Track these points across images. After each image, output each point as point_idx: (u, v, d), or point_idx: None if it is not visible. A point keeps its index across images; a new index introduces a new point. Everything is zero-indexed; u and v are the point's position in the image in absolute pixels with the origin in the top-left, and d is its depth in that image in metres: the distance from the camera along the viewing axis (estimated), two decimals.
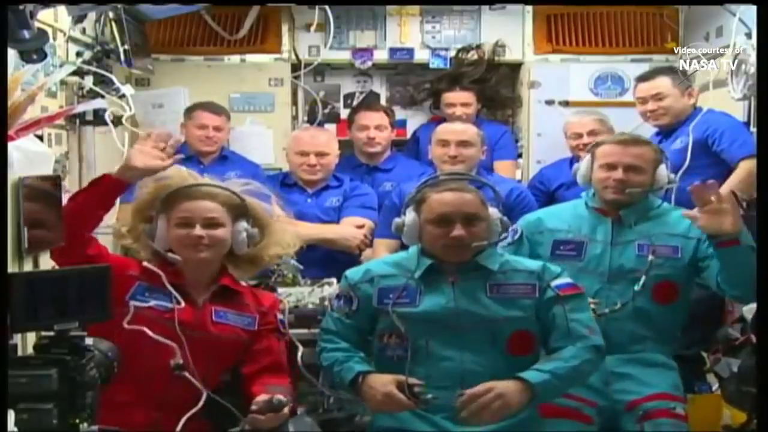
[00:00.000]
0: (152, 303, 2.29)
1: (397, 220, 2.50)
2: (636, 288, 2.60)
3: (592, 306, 2.51)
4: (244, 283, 2.54)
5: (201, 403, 2.17)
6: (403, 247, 2.61)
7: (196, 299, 2.37)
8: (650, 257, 2.60)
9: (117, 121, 3.13)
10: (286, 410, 2.18)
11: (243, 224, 2.42)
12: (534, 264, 2.46)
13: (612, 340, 2.53)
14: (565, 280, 2.41)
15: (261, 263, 2.55)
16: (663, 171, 2.72)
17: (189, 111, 3.91)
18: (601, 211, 2.75)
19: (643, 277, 2.59)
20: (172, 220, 2.37)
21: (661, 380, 2.58)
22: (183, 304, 2.30)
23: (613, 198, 2.69)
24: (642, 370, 2.60)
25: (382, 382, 2.26)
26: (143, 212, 2.43)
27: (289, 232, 2.60)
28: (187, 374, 2.17)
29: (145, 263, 2.36)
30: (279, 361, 2.42)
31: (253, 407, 2.19)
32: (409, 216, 2.46)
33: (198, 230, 2.34)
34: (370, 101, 4.57)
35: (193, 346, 2.24)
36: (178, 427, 2.11)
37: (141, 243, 2.43)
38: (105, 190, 2.27)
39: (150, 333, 2.15)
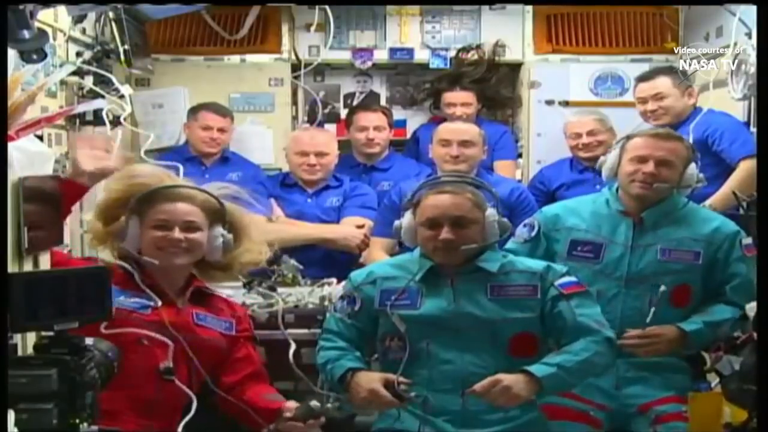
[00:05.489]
0: (129, 305, 2.20)
1: (396, 222, 2.51)
2: (654, 298, 2.54)
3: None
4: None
5: (194, 409, 2.09)
6: (400, 246, 2.61)
7: (176, 301, 2.31)
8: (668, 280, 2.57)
9: (116, 121, 3.13)
10: (323, 418, 2.15)
11: (219, 229, 2.35)
12: (538, 264, 2.45)
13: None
14: (569, 278, 2.40)
15: (231, 271, 2.47)
16: (693, 169, 2.63)
17: (193, 111, 3.91)
18: (623, 212, 2.67)
19: (663, 287, 2.54)
20: (147, 222, 2.29)
21: (672, 383, 2.56)
22: (160, 302, 2.24)
23: (639, 192, 2.61)
24: (654, 374, 2.57)
25: (369, 380, 2.25)
26: (111, 211, 2.34)
27: (260, 239, 2.51)
28: (175, 379, 2.10)
29: (118, 261, 2.29)
30: (260, 370, 2.39)
31: (287, 414, 2.16)
32: (407, 218, 2.47)
33: (177, 233, 2.27)
34: (368, 102, 4.58)
35: (180, 350, 2.18)
36: None
37: (108, 245, 2.35)
38: (64, 197, 2.18)
39: (141, 331, 2.09)
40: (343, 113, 4.48)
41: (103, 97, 3.02)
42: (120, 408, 2.10)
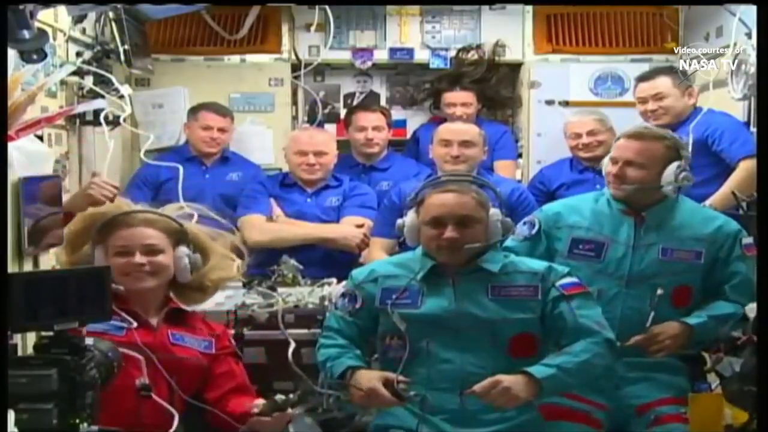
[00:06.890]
0: (101, 328, 2.09)
1: (399, 221, 2.51)
2: (654, 299, 2.51)
3: None
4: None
5: (174, 426, 2.03)
6: (400, 246, 2.59)
7: (151, 321, 2.30)
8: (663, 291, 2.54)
9: (116, 121, 3.13)
10: (290, 410, 2.14)
11: (184, 250, 2.35)
12: (539, 265, 2.44)
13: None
14: (570, 279, 2.39)
15: (205, 290, 2.46)
16: (671, 169, 2.58)
17: (193, 111, 3.91)
18: (624, 211, 2.65)
19: (660, 290, 2.51)
20: (110, 250, 2.30)
21: (671, 384, 2.55)
22: (135, 323, 2.22)
23: (613, 192, 2.63)
24: (653, 374, 2.56)
25: (368, 378, 2.25)
26: (75, 243, 2.36)
27: (230, 255, 2.52)
28: (155, 396, 2.06)
29: None
30: (244, 384, 2.38)
31: (255, 410, 2.16)
32: (410, 217, 2.47)
33: (138, 258, 2.28)
34: (367, 102, 4.58)
35: (157, 369, 2.16)
36: None
37: None
38: None
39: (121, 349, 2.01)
40: (343, 113, 4.48)
41: (103, 97, 3.02)
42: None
